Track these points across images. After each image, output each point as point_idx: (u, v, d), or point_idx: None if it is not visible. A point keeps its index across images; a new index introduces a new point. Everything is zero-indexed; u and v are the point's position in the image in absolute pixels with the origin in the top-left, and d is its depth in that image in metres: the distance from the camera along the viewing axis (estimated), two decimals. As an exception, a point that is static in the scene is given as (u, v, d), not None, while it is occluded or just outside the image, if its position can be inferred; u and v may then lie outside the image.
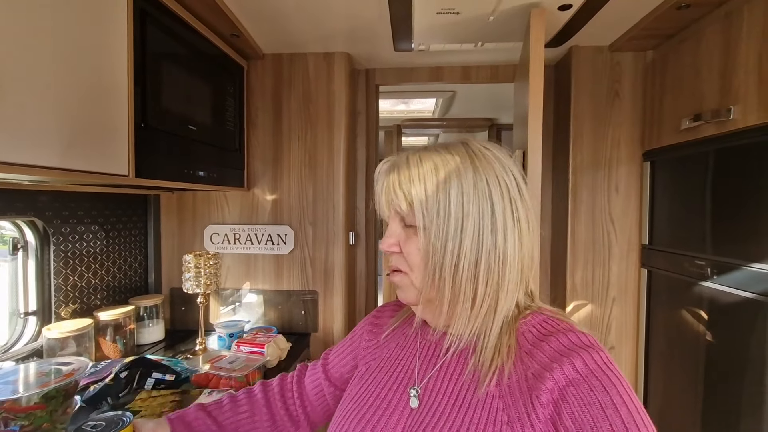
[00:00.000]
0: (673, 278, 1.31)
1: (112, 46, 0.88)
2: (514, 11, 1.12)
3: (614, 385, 0.45)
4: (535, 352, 0.51)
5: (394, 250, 0.58)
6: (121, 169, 0.90)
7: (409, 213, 0.55)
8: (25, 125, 0.68)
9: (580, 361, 0.47)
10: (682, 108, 1.26)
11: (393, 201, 0.57)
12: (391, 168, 0.58)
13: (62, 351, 1.14)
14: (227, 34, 1.35)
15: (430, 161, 0.55)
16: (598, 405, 0.44)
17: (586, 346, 0.49)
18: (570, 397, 0.46)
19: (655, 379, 1.42)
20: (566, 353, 0.49)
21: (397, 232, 0.58)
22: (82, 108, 0.80)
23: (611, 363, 0.48)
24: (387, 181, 0.57)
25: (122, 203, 1.47)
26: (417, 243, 0.55)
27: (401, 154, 0.59)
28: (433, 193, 0.53)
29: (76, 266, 1.27)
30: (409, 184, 0.54)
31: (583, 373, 0.47)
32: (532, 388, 0.48)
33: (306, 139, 1.58)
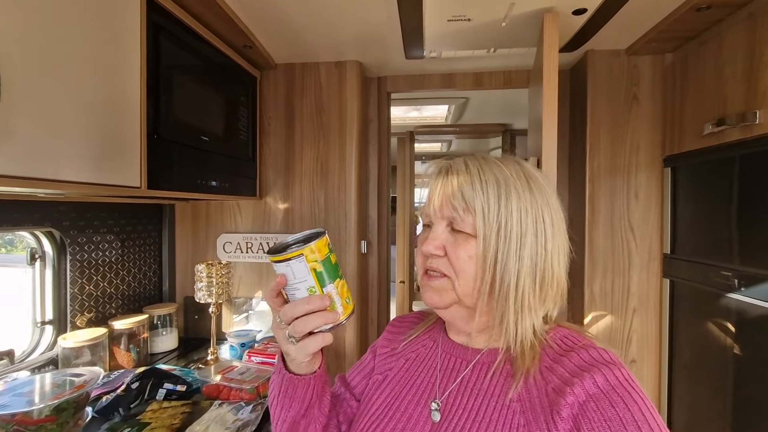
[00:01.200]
0: (697, 289, 1.26)
1: (125, 59, 0.89)
2: (527, 16, 1.10)
3: (636, 402, 0.45)
4: (556, 368, 0.51)
5: (439, 253, 0.57)
6: (133, 180, 0.91)
7: (465, 219, 0.55)
8: (43, 140, 0.69)
9: (601, 377, 0.47)
10: (704, 112, 1.21)
11: (450, 204, 0.56)
12: (449, 171, 0.58)
13: (77, 360, 1.15)
14: (240, 45, 1.36)
15: (491, 172, 0.56)
16: (619, 421, 0.44)
17: (608, 362, 0.49)
18: (590, 412, 0.45)
19: (679, 393, 1.36)
20: (587, 368, 0.48)
21: (443, 235, 0.57)
22: (97, 122, 0.81)
23: (633, 380, 0.48)
24: (444, 183, 0.57)
25: (137, 213, 1.49)
26: (468, 250, 0.55)
27: (456, 159, 0.59)
28: (495, 204, 0.54)
29: (92, 275, 1.29)
30: (472, 191, 0.55)
31: (604, 389, 0.46)
32: (553, 403, 0.48)
33: (318, 147, 1.58)
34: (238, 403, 1.02)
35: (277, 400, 0.61)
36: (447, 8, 1.05)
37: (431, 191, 0.59)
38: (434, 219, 0.58)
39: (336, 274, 0.53)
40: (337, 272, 0.54)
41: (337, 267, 0.54)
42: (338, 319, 0.53)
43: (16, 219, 1.04)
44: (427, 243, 0.57)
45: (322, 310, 0.52)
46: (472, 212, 0.54)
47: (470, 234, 0.55)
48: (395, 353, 0.69)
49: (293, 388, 0.58)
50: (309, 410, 0.61)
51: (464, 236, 0.56)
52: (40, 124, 0.69)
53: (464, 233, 0.55)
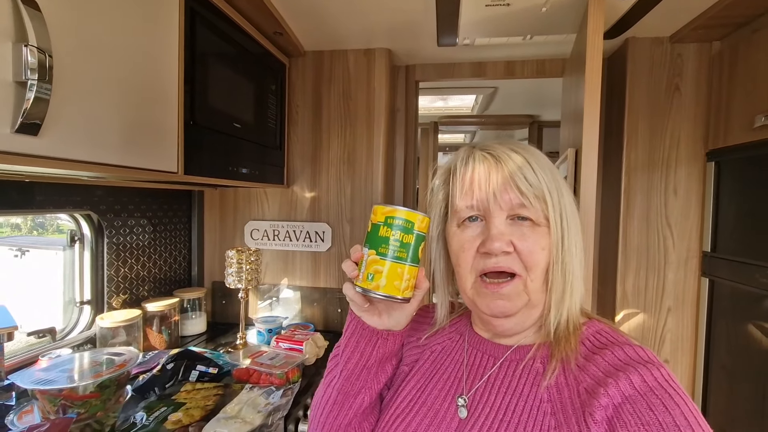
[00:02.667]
0: (739, 289, 1.20)
1: (164, 45, 0.90)
2: (570, 1, 1.06)
3: (677, 405, 0.41)
4: (588, 366, 0.48)
5: (509, 250, 0.51)
6: (171, 165, 0.92)
7: (535, 205, 0.51)
8: (89, 126, 0.71)
9: (638, 377, 0.44)
10: (755, 104, 1.14)
11: (515, 190, 0.51)
12: (497, 156, 0.53)
13: (113, 339, 1.19)
14: (271, 32, 1.35)
15: (542, 158, 0.54)
16: (658, 425, 0.40)
17: (645, 361, 0.46)
18: (626, 415, 0.42)
19: (716, 395, 1.31)
20: (622, 368, 0.45)
21: (507, 230, 0.51)
22: (137, 107, 0.82)
23: (673, 380, 0.44)
24: (497, 170, 0.52)
25: (169, 198, 1.52)
26: (541, 241, 0.51)
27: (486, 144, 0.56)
28: (556, 190, 0.52)
29: (126, 258, 1.32)
30: (535, 176, 0.51)
31: (641, 391, 0.43)
32: (585, 405, 0.45)
33: (345, 136, 1.58)
34: (268, 387, 1.03)
35: (339, 350, 0.61)
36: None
37: (477, 179, 0.52)
38: (491, 210, 0.52)
39: (415, 258, 0.52)
40: (416, 258, 0.52)
41: (416, 252, 0.52)
42: (400, 291, 0.51)
43: (58, 201, 1.08)
44: (492, 240, 0.50)
45: (355, 263, 0.53)
46: (540, 198, 0.51)
47: (536, 223, 0.51)
48: (420, 344, 0.67)
49: (361, 336, 0.58)
50: (365, 371, 0.59)
51: (530, 226, 0.51)
52: (86, 110, 0.70)
53: (529, 222, 0.51)
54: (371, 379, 0.60)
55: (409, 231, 0.51)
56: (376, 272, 0.51)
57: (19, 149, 0.59)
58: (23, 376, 0.77)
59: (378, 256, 0.50)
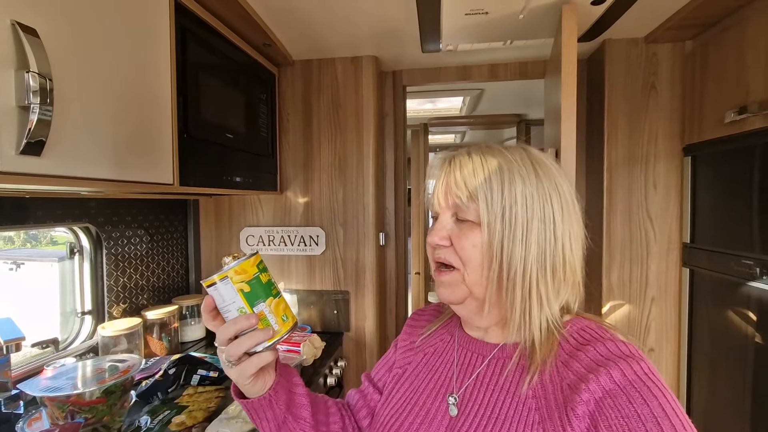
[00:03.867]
0: (718, 278, 1.26)
1: (156, 61, 0.93)
2: (545, 8, 1.11)
3: (655, 397, 0.43)
4: (572, 362, 0.50)
5: (444, 244, 0.56)
6: (167, 178, 0.96)
7: (469, 207, 0.54)
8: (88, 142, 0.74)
9: (617, 372, 0.45)
10: (725, 100, 1.20)
11: (453, 193, 0.55)
12: (451, 161, 0.57)
13: (115, 348, 1.22)
14: (260, 44, 1.39)
15: (494, 159, 0.54)
16: (637, 418, 0.42)
17: (626, 355, 0.47)
18: (607, 409, 0.44)
19: (699, 382, 1.37)
20: (604, 363, 0.47)
21: (448, 225, 0.56)
22: (133, 123, 0.86)
23: (653, 373, 0.46)
24: (447, 171, 0.56)
25: (165, 208, 1.55)
26: (473, 238, 0.54)
27: (460, 150, 0.58)
28: (498, 191, 0.53)
29: (125, 268, 1.35)
30: (474, 179, 0.54)
31: (621, 384, 0.45)
32: (568, 400, 0.47)
33: (335, 142, 1.62)
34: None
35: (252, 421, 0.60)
36: (465, 2, 1.07)
37: (436, 182, 0.58)
38: (440, 210, 0.58)
39: (268, 292, 0.53)
40: (270, 291, 0.53)
41: (269, 285, 0.53)
42: (273, 337, 0.51)
43: (58, 215, 1.11)
44: (433, 233, 0.57)
45: (251, 329, 0.50)
46: (474, 199, 0.53)
47: (475, 222, 0.54)
48: (414, 347, 0.69)
49: (254, 411, 0.57)
50: (283, 426, 0.59)
51: (469, 225, 0.55)
52: (86, 129, 0.73)
53: (469, 222, 0.54)
54: (293, 421, 0.60)
55: (266, 268, 0.55)
56: (285, 311, 0.54)
57: (24, 169, 0.62)
58: (31, 385, 0.80)
59: (275, 298, 0.53)
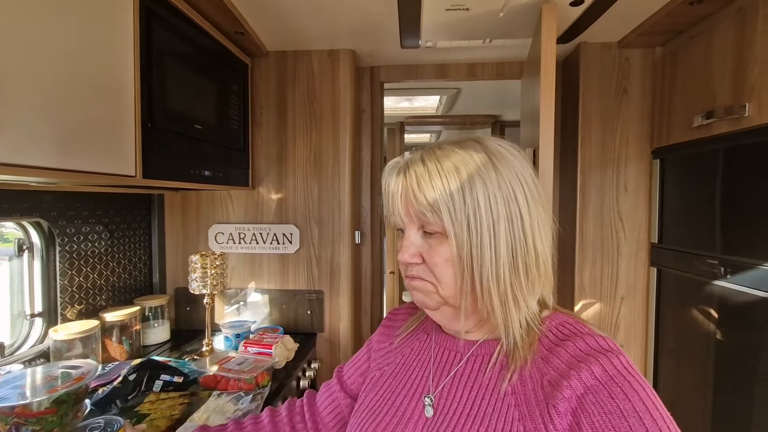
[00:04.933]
0: (682, 277, 1.30)
1: (117, 44, 0.86)
2: (524, 7, 1.11)
3: (636, 391, 0.43)
4: (552, 358, 0.49)
5: (416, 261, 0.53)
6: (128, 169, 0.89)
7: (433, 219, 0.50)
8: (38, 128, 0.67)
9: (598, 367, 0.45)
10: (693, 105, 1.24)
11: (413, 206, 0.51)
12: (405, 169, 0.53)
13: (69, 353, 1.13)
14: (232, 32, 1.33)
15: (449, 162, 0.50)
16: (619, 413, 0.42)
17: (605, 350, 0.47)
18: (589, 405, 0.44)
19: (664, 377, 1.41)
20: (583, 359, 0.47)
21: (417, 242, 0.53)
22: (88, 107, 0.79)
23: (632, 367, 0.46)
24: (403, 184, 0.52)
25: (126, 203, 1.46)
26: (443, 253, 0.51)
27: (412, 155, 0.54)
28: (459, 197, 0.49)
29: (81, 267, 1.26)
30: (432, 188, 0.50)
31: (602, 380, 0.44)
32: (549, 397, 0.46)
33: (311, 137, 1.57)
34: (237, 393, 1.02)
35: None
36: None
37: (392, 194, 0.54)
38: (404, 223, 0.54)
39: None
40: None
41: None
42: None
43: (4, 209, 1.01)
44: (403, 251, 0.53)
45: None
46: (437, 212, 0.50)
47: (443, 234, 0.51)
48: (392, 349, 0.67)
49: None
50: None
51: (438, 238, 0.52)
52: (36, 114, 0.67)
53: (437, 234, 0.51)
54: None
55: None
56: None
57: (-42, 155, 0.55)
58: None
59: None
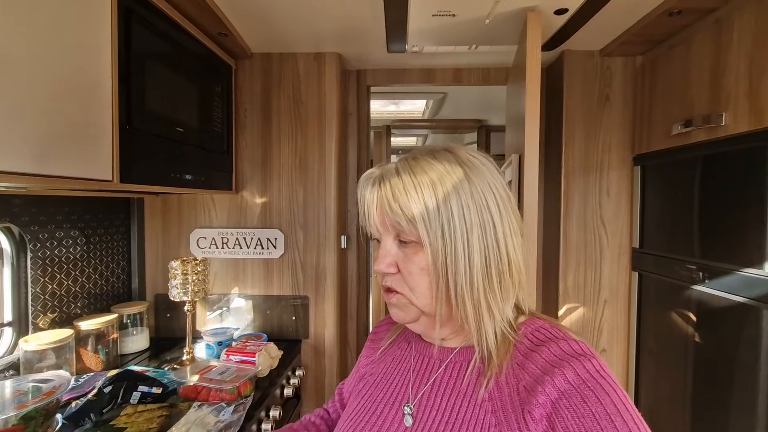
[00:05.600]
0: (663, 281, 1.33)
1: (94, 44, 0.83)
2: (510, 15, 1.11)
3: (607, 394, 0.44)
4: (527, 364, 0.50)
5: (392, 271, 0.54)
6: (104, 174, 0.86)
7: (409, 229, 0.51)
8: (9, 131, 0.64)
9: (571, 372, 0.46)
10: (672, 113, 1.27)
11: (389, 216, 0.52)
12: (380, 180, 0.54)
13: (41, 363, 1.08)
14: (215, 33, 1.30)
15: (423, 172, 0.52)
16: (591, 416, 0.43)
17: (578, 354, 0.48)
18: (563, 410, 0.44)
19: (645, 380, 1.44)
20: (557, 364, 0.47)
21: (393, 251, 0.54)
22: (63, 109, 0.76)
23: (603, 370, 0.47)
24: (379, 195, 0.53)
25: (104, 207, 1.41)
26: (419, 262, 0.52)
27: (387, 165, 0.55)
28: (433, 206, 0.50)
29: (55, 274, 1.21)
30: (407, 199, 0.51)
31: (574, 384, 0.45)
32: (524, 403, 0.47)
33: (296, 140, 1.55)
34: (218, 404, 0.99)
35: None
36: (433, 3, 1.05)
37: (368, 205, 0.55)
38: (381, 233, 0.55)
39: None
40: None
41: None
42: None
43: (-31, 214, 0.96)
44: (379, 261, 0.54)
45: None
46: (413, 222, 0.51)
47: (418, 243, 0.52)
48: (375, 361, 0.68)
49: None
50: None
51: (413, 247, 0.52)
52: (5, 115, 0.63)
53: (413, 243, 0.52)
54: None
55: None
56: None
57: None
58: (-72, 414, 0.68)
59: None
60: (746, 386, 1.01)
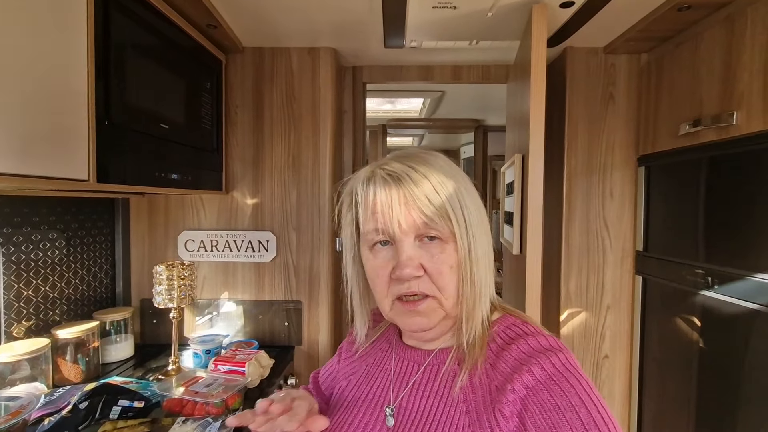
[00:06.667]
0: (668, 286, 1.29)
1: (68, 34, 0.77)
2: (514, 7, 1.06)
3: (573, 387, 0.44)
4: (498, 363, 0.50)
5: (419, 274, 0.51)
6: (79, 173, 0.79)
7: (441, 225, 0.51)
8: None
9: (538, 368, 0.46)
10: (679, 112, 1.23)
11: (420, 213, 0.50)
12: (398, 178, 0.51)
13: (13, 375, 1.01)
14: (203, 25, 1.24)
15: (439, 168, 0.53)
16: (557, 410, 0.43)
17: (545, 349, 0.48)
18: (531, 405, 0.45)
19: (650, 388, 1.39)
20: (525, 361, 0.48)
21: (416, 252, 0.51)
22: (36, 106, 0.69)
23: (569, 363, 0.47)
24: (403, 192, 0.50)
25: (85, 208, 1.34)
26: (448, 260, 0.51)
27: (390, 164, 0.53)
28: (458, 200, 0.52)
29: (31, 279, 1.14)
30: (436, 193, 0.51)
31: (541, 379, 0.46)
32: (495, 401, 0.47)
33: (289, 139, 1.49)
34: (204, 419, 0.92)
35: None
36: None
37: (380, 203, 0.51)
38: (398, 235, 0.51)
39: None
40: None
41: None
42: None
43: (-67, 216, 0.89)
44: (402, 266, 0.50)
45: None
46: (444, 216, 0.50)
47: (444, 240, 0.51)
48: (355, 359, 0.68)
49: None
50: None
51: (438, 245, 0.51)
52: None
53: (438, 240, 0.51)
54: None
55: None
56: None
57: None
58: None
59: None
60: (753, 394, 0.97)
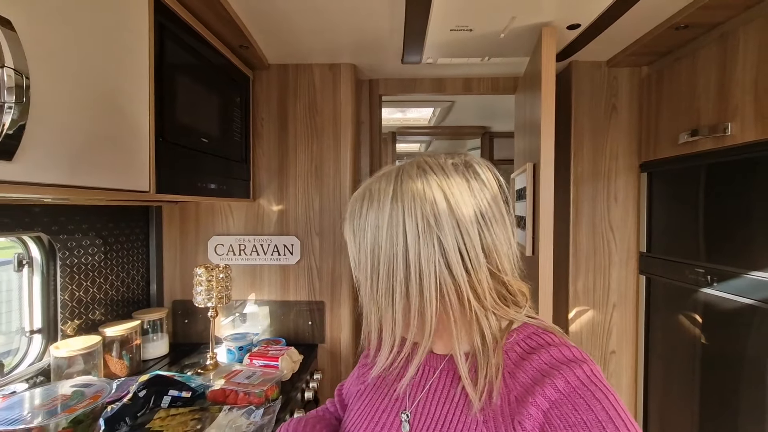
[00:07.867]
0: (670, 284, 1.37)
1: (132, 59, 0.87)
2: (525, 29, 1.16)
3: (599, 401, 0.43)
4: (518, 373, 0.49)
5: None
6: (143, 185, 0.89)
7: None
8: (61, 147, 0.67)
9: (561, 381, 0.45)
10: (678, 122, 1.32)
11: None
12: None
13: (70, 369, 1.10)
14: (236, 45, 1.34)
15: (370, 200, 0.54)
16: (583, 425, 0.42)
17: (569, 361, 0.47)
18: (554, 420, 0.44)
19: (654, 381, 1.48)
20: (548, 373, 0.46)
21: None
22: (109, 126, 0.79)
23: (595, 376, 0.45)
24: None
25: (124, 215, 1.44)
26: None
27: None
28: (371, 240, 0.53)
29: (81, 281, 1.24)
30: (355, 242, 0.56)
31: (565, 393, 0.44)
32: (515, 413, 0.46)
33: (312, 149, 1.59)
34: (248, 407, 1.01)
35: None
36: (452, 19, 1.09)
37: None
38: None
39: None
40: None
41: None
42: None
43: (6, 224, 0.99)
44: None
45: None
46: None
47: None
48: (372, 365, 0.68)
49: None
50: None
51: None
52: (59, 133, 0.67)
53: None
54: None
55: None
56: None
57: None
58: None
59: None
60: (756, 389, 1.04)
